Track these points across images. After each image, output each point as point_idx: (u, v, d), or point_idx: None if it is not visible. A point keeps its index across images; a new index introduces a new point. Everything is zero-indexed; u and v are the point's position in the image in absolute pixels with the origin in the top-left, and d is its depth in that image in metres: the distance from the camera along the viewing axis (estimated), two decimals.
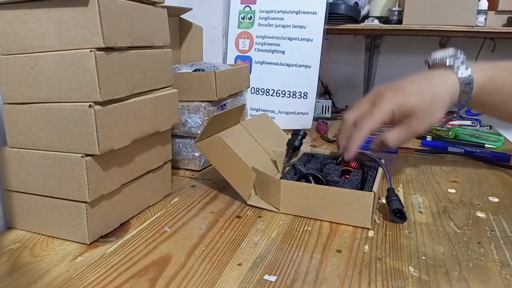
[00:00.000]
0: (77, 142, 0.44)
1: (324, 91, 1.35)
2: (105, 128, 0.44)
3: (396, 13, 1.20)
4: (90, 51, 0.42)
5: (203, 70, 0.73)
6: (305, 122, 1.06)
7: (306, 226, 0.51)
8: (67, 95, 0.44)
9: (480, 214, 0.56)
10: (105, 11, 0.42)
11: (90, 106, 0.42)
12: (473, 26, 1.14)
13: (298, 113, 1.06)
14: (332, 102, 1.23)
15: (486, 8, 1.16)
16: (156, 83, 0.53)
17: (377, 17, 1.25)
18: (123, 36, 0.45)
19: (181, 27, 0.88)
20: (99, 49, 0.42)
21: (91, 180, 0.44)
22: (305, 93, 1.06)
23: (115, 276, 0.40)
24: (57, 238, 0.48)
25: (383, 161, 0.61)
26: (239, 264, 0.43)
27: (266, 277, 0.40)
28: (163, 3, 0.53)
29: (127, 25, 0.46)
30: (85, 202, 0.45)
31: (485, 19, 1.16)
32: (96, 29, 0.42)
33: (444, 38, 1.38)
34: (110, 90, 0.44)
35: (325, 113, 1.21)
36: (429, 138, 0.94)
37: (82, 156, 0.44)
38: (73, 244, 0.47)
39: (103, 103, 0.43)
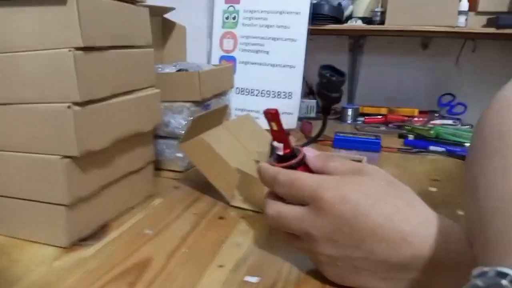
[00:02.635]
0: (56, 144, 0.43)
1: (308, 91, 1.35)
2: (84, 129, 0.43)
3: (379, 13, 1.21)
4: (69, 51, 0.41)
5: (187, 70, 0.72)
6: (290, 122, 1.06)
7: None
8: (46, 96, 0.43)
9: (461, 212, 0.57)
10: (84, 10, 0.41)
11: (68, 107, 0.42)
12: (454, 27, 1.16)
13: (282, 113, 1.05)
14: (317, 102, 1.24)
15: (466, 9, 1.18)
16: (137, 83, 0.52)
17: (361, 18, 1.26)
18: (103, 36, 0.45)
19: (164, 27, 0.88)
20: (78, 48, 0.41)
21: (69, 183, 0.43)
22: (290, 93, 1.06)
23: (94, 280, 0.40)
24: (34, 242, 0.47)
25: (365, 159, 0.61)
26: (221, 266, 0.42)
27: (248, 278, 0.40)
28: (145, 2, 0.52)
29: (107, 24, 0.45)
30: (63, 205, 0.44)
31: (466, 19, 1.18)
32: (74, 28, 0.41)
33: (425, 39, 1.40)
34: (89, 91, 0.43)
35: (309, 113, 1.21)
36: (411, 137, 0.96)
37: (60, 158, 0.43)
38: (52, 248, 0.46)
39: (82, 104, 0.43)
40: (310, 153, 0.41)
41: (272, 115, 0.41)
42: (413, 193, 0.37)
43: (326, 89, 0.42)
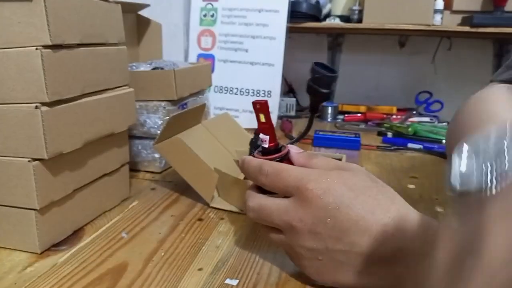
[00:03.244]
0: (24, 146, 0.41)
1: (288, 90, 1.35)
2: (54, 131, 0.41)
3: (356, 12, 1.22)
4: (36, 49, 0.39)
5: (162, 69, 0.71)
6: None
7: None
8: (11, 96, 0.41)
9: (439, 209, 0.57)
10: (52, 6, 0.40)
11: (36, 107, 0.40)
12: (430, 25, 1.17)
13: None
14: (297, 100, 1.23)
15: (442, 8, 1.20)
16: (110, 82, 0.51)
17: (339, 16, 1.26)
18: (72, 33, 0.43)
19: (138, 24, 0.86)
20: (45, 46, 0.40)
21: (39, 186, 0.42)
22: (269, 92, 1.06)
23: (67, 286, 0.38)
24: (4, 248, 0.45)
25: (345, 157, 0.61)
26: (200, 269, 0.41)
27: (227, 281, 0.39)
28: None
29: (76, 21, 0.44)
30: (34, 209, 0.42)
31: (442, 18, 1.20)
32: (42, 26, 0.39)
33: (402, 37, 1.41)
34: (58, 90, 0.41)
35: (289, 112, 1.21)
36: (389, 134, 0.96)
37: (29, 161, 0.41)
38: (23, 254, 0.44)
39: (50, 104, 0.41)
40: (293, 149, 0.41)
41: (261, 106, 0.40)
42: (392, 190, 0.38)
43: (317, 85, 0.42)
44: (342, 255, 0.35)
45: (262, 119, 0.41)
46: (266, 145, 0.41)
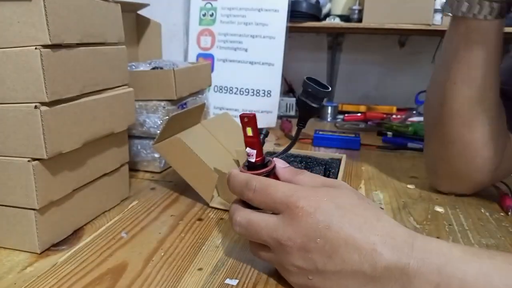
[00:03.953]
0: (23, 146, 0.41)
1: (287, 89, 1.35)
2: (53, 130, 0.41)
3: (356, 11, 1.21)
4: (35, 48, 0.39)
5: (162, 68, 0.71)
6: (269, 121, 1.05)
7: None
8: (11, 96, 0.41)
9: (438, 209, 0.57)
10: (51, 6, 0.40)
11: (36, 107, 0.40)
12: (430, 25, 1.17)
13: (262, 112, 1.05)
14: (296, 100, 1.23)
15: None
16: (109, 82, 0.51)
17: (339, 16, 1.26)
18: (71, 33, 0.43)
19: (138, 24, 0.86)
20: (45, 46, 0.40)
21: (39, 186, 0.41)
22: (269, 91, 1.06)
23: (67, 286, 0.38)
24: (4, 248, 0.45)
25: (345, 157, 0.61)
26: (200, 269, 0.41)
27: (227, 281, 0.39)
28: None
29: (75, 20, 0.43)
30: (34, 209, 0.42)
31: (442, 18, 1.20)
32: (41, 25, 0.39)
33: (402, 37, 1.41)
34: (57, 90, 0.41)
35: (289, 111, 1.21)
36: (389, 134, 0.96)
37: (29, 161, 0.41)
38: (23, 254, 0.44)
39: (50, 104, 0.41)
40: (279, 163, 0.41)
41: (249, 119, 0.40)
42: (378, 207, 0.38)
43: (309, 99, 0.41)
44: (332, 276, 0.34)
45: (249, 132, 0.40)
46: (253, 160, 0.40)
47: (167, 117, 0.68)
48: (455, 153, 0.57)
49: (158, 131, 0.67)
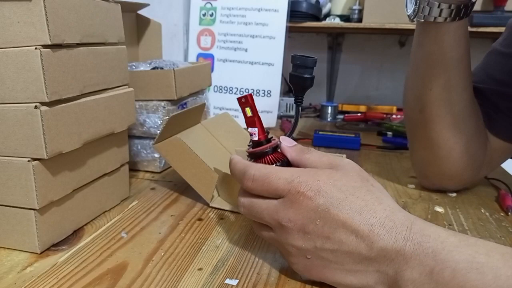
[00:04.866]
0: (23, 146, 0.41)
1: (288, 89, 1.35)
2: (53, 130, 0.41)
3: (356, 11, 1.22)
4: (35, 48, 0.39)
5: (162, 68, 0.71)
6: (269, 121, 1.05)
7: None
8: (11, 96, 0.41)
9: (438, 209, 0.57)
10: (51, 6, 0.40)
11: (36, 107, 0.40)
12: None
13: (262, 112, 1.05)
14: None
15: None
16: (109, 82, 0.51)
17: (339, 16, 1.26)
18: (71, 32, 0.43)
19: (138, 24, 0.85)
20: (45, 46, 0.40)
21: (39, 186, 0.41)
22: (269, 91, 1.06)
23: (67, 286, 0.38)
24: (4, 248, 0.45)
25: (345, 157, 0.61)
26: (200, 269, 0.41)
27: (227, 281, 0.39)
28: None
29: (76, 20, 0.43)
30: (33, 209, 0.42)
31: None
32: (41, 25, 0.39)
33: (403, 36, 1.41)
34: (57, 90, 0.41)
35: (289, 111, 1.21)
36: (389, 134, 0.96)
37: (28, 161, 0.41)
38: (23, 254, 0.44)
39: (50, 104, 0.41)
40: (286, 142, 0.42)
41: (246, 99, 0.41)
42: (383, 188, 0.38)
43: (298, 71, 0.42)
44: (329, 254, 0.35)
45: (249, 113, 0.41)
46: (256, 138, 0.41)
47: (167, 117, 0.68)
48: (442, 156, 0.58)
49: (158, 131, 0.67)
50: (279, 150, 0.42)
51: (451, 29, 0.52)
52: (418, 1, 0.51)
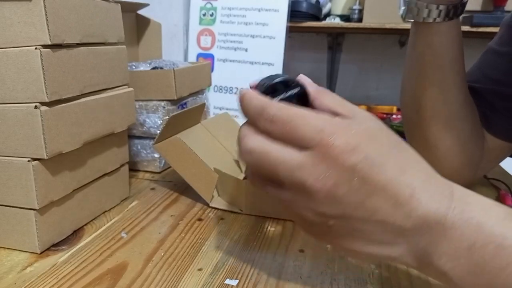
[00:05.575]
0: (23, 146, 0.41)
1: None
2: (53, 130, 0.41)
3: (356, 11, 1.22)
4: (35, 48, 0.39)
5: (162, 68, 0.71)
6: None
7: (269, 227, 0.51)
8: (11, 96, 0.41)
9: None
10: (51, 6, 0.40)
11: (36, 107, 0.40)
12: None
13: None
14: None
15: None
16: (109, 82, 0.51)
17: (339, 16, 1.26)
18: (71, 33, 0.43)
19: (138, 24, 0.85)
20: (45, 46, 0.40)
21: (39, 186, 0.41)
22: None
23: (67, 286, 0.38)
24: (4, 248, 0.45)
25: None
26: (200, 269, 0.41)
27: (227, 281, 0.39)
28: None
29: (76, 20, 0.43)
30: (33, 209, 0.42)
31: None
32: (41, 25, 0.39)
33: (403, 36, 1.41)
34: (57, 90, 0.41)
35: None
36: None
37: (28, 161, 0.41)
38: (23, 254, 0.44)
39: (50, 104, 0.41)
40: (304, 79, 0.33)
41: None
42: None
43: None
44: (357, 222, 0.29)
45: None
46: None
47: (167, 117, 0.68)
48: (439, 156, 0.58)
49: (158, 131, 0.67)
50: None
51: (442, 30, 0.52)
52: (407, 2, 0.51)
